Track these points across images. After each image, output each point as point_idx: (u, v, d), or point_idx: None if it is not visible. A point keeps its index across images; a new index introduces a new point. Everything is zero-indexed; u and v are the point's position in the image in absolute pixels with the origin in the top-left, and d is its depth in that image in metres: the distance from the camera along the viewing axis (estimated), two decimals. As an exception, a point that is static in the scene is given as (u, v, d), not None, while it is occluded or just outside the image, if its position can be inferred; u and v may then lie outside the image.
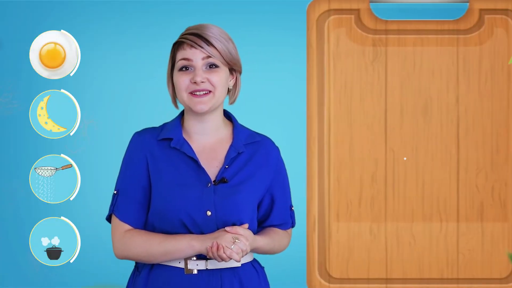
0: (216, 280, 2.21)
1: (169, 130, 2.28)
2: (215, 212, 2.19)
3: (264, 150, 2.33)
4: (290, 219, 2.40)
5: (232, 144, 2.28)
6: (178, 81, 2.23)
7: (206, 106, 2.21)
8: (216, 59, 2.22)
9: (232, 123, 2.35)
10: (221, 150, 2.28)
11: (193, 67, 2.21)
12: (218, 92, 2.23)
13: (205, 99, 2.21)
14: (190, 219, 2.19)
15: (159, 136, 2.27)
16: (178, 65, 2.24)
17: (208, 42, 2.21)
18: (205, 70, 2.22)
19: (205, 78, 2.21)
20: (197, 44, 2.21)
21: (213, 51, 2.21)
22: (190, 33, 2.24)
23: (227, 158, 2.25)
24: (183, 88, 2.22)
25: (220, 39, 2.23)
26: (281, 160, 2.36)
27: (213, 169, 2.25)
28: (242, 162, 2.28)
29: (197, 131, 2.28)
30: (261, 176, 2.29)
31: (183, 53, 2.23)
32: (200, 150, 2.27)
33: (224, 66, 2.24)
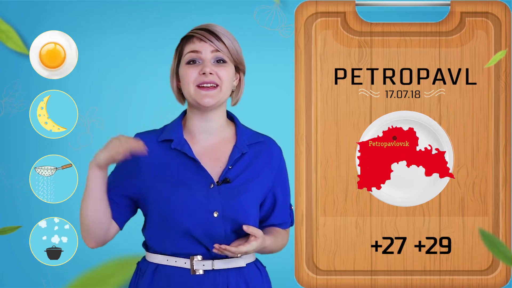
0: (222, 280, 2.19)
1: (170, 131, 2.25)
2: (222, 212, 2.17)
3: (267, 150, 2.31)
4: (290, 218, 2.39)
5: (236, 145, 2.26)
6: (186, 74, 2.20)
7: (212, 100, 2.19)
8: (224, 54, 2.20)
9: (234, 124, 2.32)
10: (225, 150, 2.26)
11: (202, 59, 2.19)
12: (224, 86, 2.20)
13: (212, 93, 2.18)
14: (195, 220, 2.16)
15: (159, 138, 2.24)
16: (186, 58, 2.21)
17: (217, 37, 2.20)
18: (213, 64, 2.20)
19: (214, 71, 2.18)
20: (206, 38, 2.19)
21: (222, 46, 2.20)
22: (199, 29, 2.22)
23: (231, 159, 2.23)
24: (190, 80, 2.19)
25: (228, 36, 2.22)
26: (283, 160, 2.36)
27: (217, 169, 2.23)
28: (246, 162, 2.26)
29: (201, 130, 2.25)
30: (264, 176, 2.28)
31: (191, 46, 2.20)
32: (203, 150, 2.24)
33: (231, 62, 2.22)
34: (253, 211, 2.24)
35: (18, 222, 3.39)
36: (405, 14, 3.44)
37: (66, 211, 3.47)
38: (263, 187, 2.29)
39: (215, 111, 2.24)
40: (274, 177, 2.32)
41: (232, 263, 2.20)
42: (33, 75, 3.47)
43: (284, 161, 2.36)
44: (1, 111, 3.46)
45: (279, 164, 2.34)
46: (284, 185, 2.36)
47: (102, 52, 3.47)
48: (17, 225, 1.88)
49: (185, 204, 2.17)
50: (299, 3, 3.45)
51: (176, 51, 2.27)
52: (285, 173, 2.37)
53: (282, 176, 2.35)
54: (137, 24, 3.46)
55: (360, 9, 3.46)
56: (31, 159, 3.47)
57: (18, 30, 3.43)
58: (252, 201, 2.24)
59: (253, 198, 2.24)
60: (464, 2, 3.44)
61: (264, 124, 3.25)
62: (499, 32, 3.42)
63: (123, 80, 3.47)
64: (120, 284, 0.90)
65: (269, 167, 2.30)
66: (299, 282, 3.47)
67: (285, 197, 2.36)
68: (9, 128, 3.47)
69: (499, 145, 3.45)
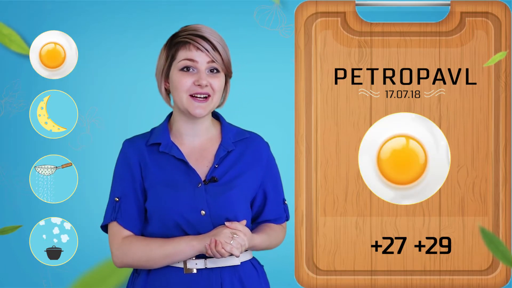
0: (216, 279, 2.19)
1: (157, 135, 2.25)
2: (209, 211, 2.18)
3: (254, 146, 2.31)
4: (284, 213, 2.38)
5: (221, 143, 2.26)
6: (180, 82, 2.19)
7: (204, 111, 2.19)
8: (219, 65, 2.20)
9: (220, 122, 2.33)
10: (211, 149, 2.27)
11: (197, 69, 2.18)
12: (216, 97, 2.20)
13: (204, 104, 2.18)
14: (184, 220, 2.17)
15: (148, 142, 2.25)
16: (180, 64, 2.19)
17: (214, 47, 2.19)
18: (207, 74, 2.19)
19: (209, 82, 2.18)
20: (203, 47, 2.17)
21: (218, 56, 2.19)
22: (194, 34, 2.19)
23: (216, 157, 2.24)
24: (184, 89, 2.18)
25: (222, 44, 2.21)
26: (271, 155, 2.35)
27: (204, 169, 2.24)
28: (232, 160, 2.27)
29: (188, 133, 2.26)
30: (252, 173, 2.28)
31: (188, 53, 2.18)
32: (190, 151, 2.25)
33: (222, 72, 2.22)
34: (241, 208, 2.24)
35: (18, 222, 3.39)
36: (405, 14, 3.45)
37: (66, 211, 3.47)
38: (252, 183, 2.28)
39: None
40: (263, 172, 2.31)
41: (225, 261, 2.20)
42: (33, 75, 3.47)
43: (272, 157, 2.36)
44: (1, 111, 3.46)
45: (267, 159, 2.33)
46: (274, 180, 2.35)
47: (102, 52, 3.47)
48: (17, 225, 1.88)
49: (175, 204, 2.18)
50: (299, 3, 3.45)
51: (167, 52, 2.24)
52: (274, 168, 2.36)
53: (271, 171, 2.34)
54: (137, 24, 3.46)
55: (360, 9, 3.46)
56: (31, 159, 3.47)
57: (18, 30, 3.43)
58: (240, 198, 2.24)
59: (241, 194, 2.25)
60: (464, 2, 3.44)
61: (264, 124, 3.31)
62: (499, 32, 3.43)
63: (123, 80, 3.47)
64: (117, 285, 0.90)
65: (256, 163, 2.30)
66: (299, 282, 3.47)
67: (277, 192, 2.36)
68: (9, 128, 3.47)
69: (499, 145, 3.45)
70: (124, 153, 2.26)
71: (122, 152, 2.27)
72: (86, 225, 3.47)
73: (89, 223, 3.44)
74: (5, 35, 1.21)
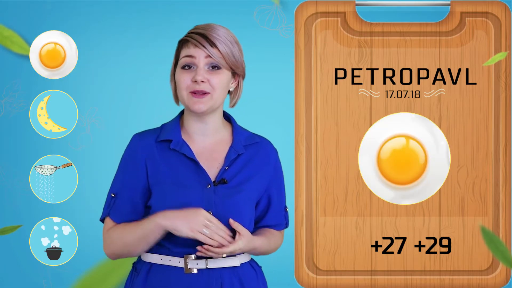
0: (216, 279, 2.19)
1: (168, 131, 2.25)
2: (216, 212, 2.17)
3: (263, 152, 2.31)
4: (284, 220, 2.39)
5: (232, 146, 2.26)
6: (180, 79, 2.20)
7: (204, 107, 2.18)
8: (218, 60, 2.19)
9: (231, 125, 2.32)
10: (221, 151, 2.26)
11: (196, 65, 2.18)
12: (216, 94, 2.19)
13: (203, 100, 2.18)
14: None
15: (158, 138, 2.24)
16: (181, 62, 2.20)
17: (212, 43, 2.18)
18: (207, 70, 2.19)
19: (206, 79, 2.18)
20: (201, 43, 2.18)
21: (216, 52, 2.18)
22: (196, 32, 2.21)
23: (227, 159, 2.23)
24: (183, 86, 2.19)
25: (225, 42, 2.20)
26: (279, 161, 2.36)
27: (213, 170, 2.23)
28: (242, 163, 2.26)
29: (197, 131, 2.25)
30: (260, 178, 2.28)
31: (187, 50, 2.19)
32: (200, 151, 2.24)
33: (225, 68, 2.21)
34: (247, 212, 2.24)
35: (18, 222, 3.38)
36: (405, 14, 3.45)
37: (66, 211, 3.47)
38: (258, 188, 2.29)
39: (211, 114, 2.25)
40: (270, 178, 2.32)
41: (225, 262, 2.20)
42: (33, 75, 3.46)
43: (280, 163, 2.37)
44: (1, 111, 3.46)
45: (275, 165, 2.34)
46: (279, 187, 2.36)
47: (102, 52, 3.47)
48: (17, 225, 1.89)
49: (181, 203, 2.17)
50: (299, 3, 3.45)
51: (175, 53, 2.27)
52: (280, 175, 2.37)
53: (277, 177, 2.35)
54: (137, 24, 3.46)
55: (360, 9, 3.46)
56: (31, 159, 3.47)
57: (18, 30, 3.43)
58: (246, 202, 2.25)
59: (248, 198, 2.25)
60: (464, 2, 3.44)
61: (264, 124, 3.31)
62: (499, 32, 3.43)
63: (123, 80, 3.47)
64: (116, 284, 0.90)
65: (265, 168, 2.31)
66: (299, 282, 3.48)
67: (280, 198, 2.37)
68: (9, 128, 3.47)
69: (499, 145, 3.45)
70: (132, 148, 2.25)
71: (130, 146, 2.26)
72: (86, 225, 3.46)
73: (89, 223, 3.43)
74: (6, 37, 1.22)
